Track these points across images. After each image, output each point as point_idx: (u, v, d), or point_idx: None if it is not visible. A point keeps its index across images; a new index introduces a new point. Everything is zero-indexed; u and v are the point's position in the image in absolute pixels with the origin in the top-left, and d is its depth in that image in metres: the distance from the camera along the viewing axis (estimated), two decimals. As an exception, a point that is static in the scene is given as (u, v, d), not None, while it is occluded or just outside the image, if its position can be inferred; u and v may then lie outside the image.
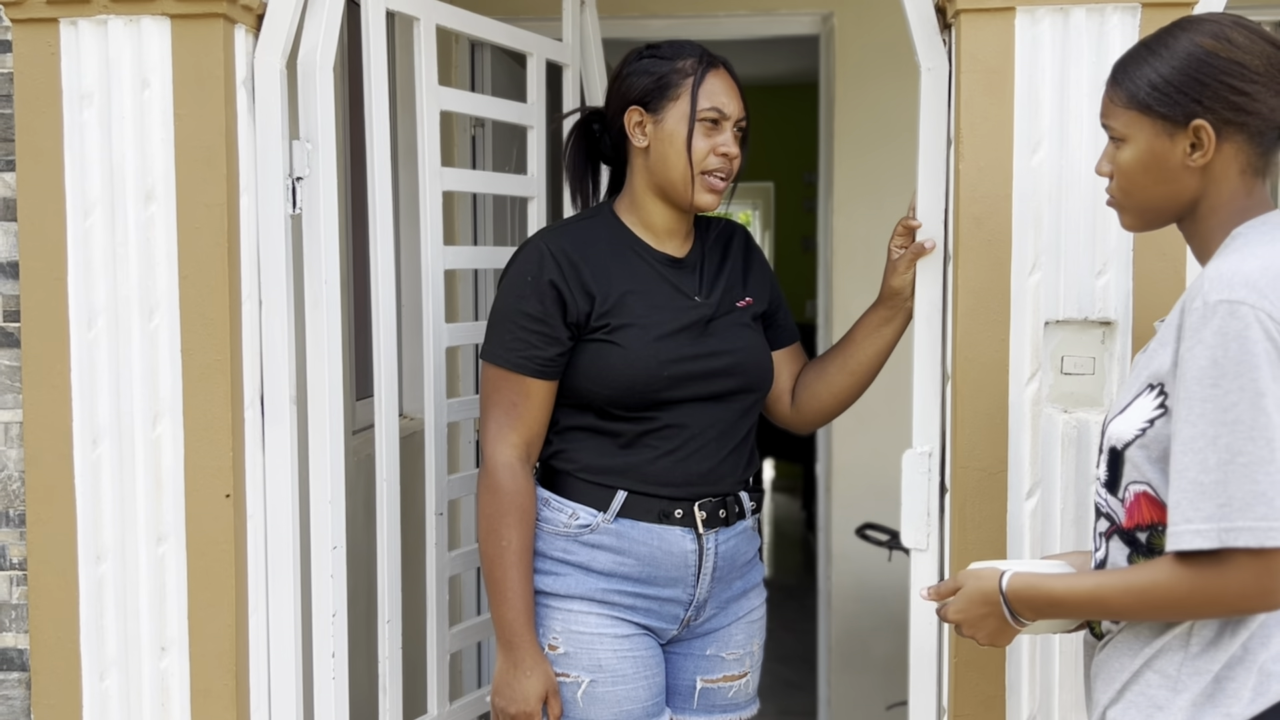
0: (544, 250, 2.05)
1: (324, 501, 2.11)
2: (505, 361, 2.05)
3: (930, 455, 2.09)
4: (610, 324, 2.04)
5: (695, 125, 2.04)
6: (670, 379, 2.03)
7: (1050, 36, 1.96)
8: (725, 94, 2.06)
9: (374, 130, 2.22)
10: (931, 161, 2.07)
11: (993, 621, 1.56)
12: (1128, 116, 1.52)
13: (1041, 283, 1.97)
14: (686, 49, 2.09)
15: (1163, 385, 1.44)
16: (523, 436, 2.06)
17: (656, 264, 2.10)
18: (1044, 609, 1.51)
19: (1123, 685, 1.49)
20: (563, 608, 2.07)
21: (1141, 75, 1.50)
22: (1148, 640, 1.47)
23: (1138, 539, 1.48)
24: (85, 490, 2.06)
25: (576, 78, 2.80)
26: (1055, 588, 1.50)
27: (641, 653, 2.09)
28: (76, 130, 2.03)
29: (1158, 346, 1.47)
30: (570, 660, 2.05)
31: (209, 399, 2.04)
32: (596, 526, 2.06)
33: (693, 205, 2.08)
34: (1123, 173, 1.54)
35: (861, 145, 3.97)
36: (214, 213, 2.02)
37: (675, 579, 2.09)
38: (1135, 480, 1.48)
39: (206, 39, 2.01)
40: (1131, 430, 1.47)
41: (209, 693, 2.07)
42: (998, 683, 2.02)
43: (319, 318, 2.10)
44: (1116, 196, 1.57)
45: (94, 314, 2.04)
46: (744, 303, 2.16)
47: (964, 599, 1.57)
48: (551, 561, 2.08)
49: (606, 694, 2.05)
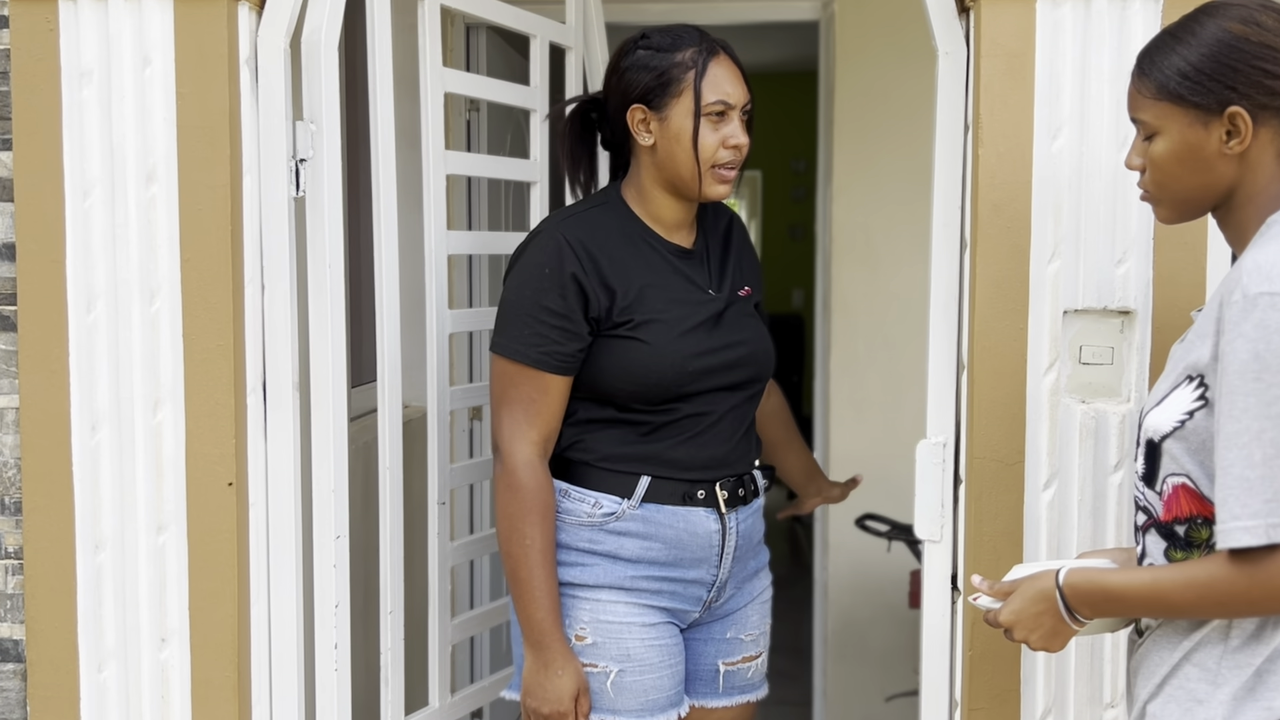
0: (562, 241, 2.00)
1: (327, 490, 2.07)
2: (524, 357, 2.00)
3: (945, 446, 2.06)
4: (634, 319, 2.01)
5: (702, 121, 2.00)
6: (693, 374, 2.03)
7: (1071, 20, 1.93)
8: (729, 82, 2.02)
9: (379, 112, 2.18)
10: (948, 147, 2.04)
11: (1048, 620, 1.52)
12: (1159, 108, 1.48)
13: (1061, 271, 1.95)
14: (684, 38, 2.04)
15: (1202, 377, 1.41)
16: (541, 433, 2.02)
17: (669, 255, 2.08)
18: (1100, 604, 1.48)
19: (1162, 679, 1.46)
20: (590, 598, 2.05)
21: (1170, 65, 1.47)
22: (1186, 634, 1.45)
23: (1175, 532, 1.46)
24: (84, 477, 2.02)
25: (579, 61, 2.76)
26: (1112, 582, 1.47)
27: (667, 641, 2.09)
28: (76, 109, 1.98)
29: (1195, 338, 1.45)
30: (598, 650, 2.04)
31: (211, 385, 2.00)
32: (622, 514, 2.04)
33: (704, 198, 2.05)
34: (1157, 166, 1.50)
35: (861, 131, 3.94)
36: (217, 194, 1.98)
37: (700, 560, 2.09)
38: (1174, 473, 1.45)
39: (209, 16, 1.96)
40: (1169, 422, 1.44)
41: (210, 684, 2.03)
42: (1012, 676, 1.99)
43: (322, 303, 2.05)
44: (1151, 190, 1.54)
45: (93, 297, 2.00)
46: (744, 292, 2.15)
47: (1019, 599, 1.53)
48: (576, 553, 2.06)
49: (634, 683, 2.05)
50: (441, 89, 2.35)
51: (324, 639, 2.09)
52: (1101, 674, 1.98)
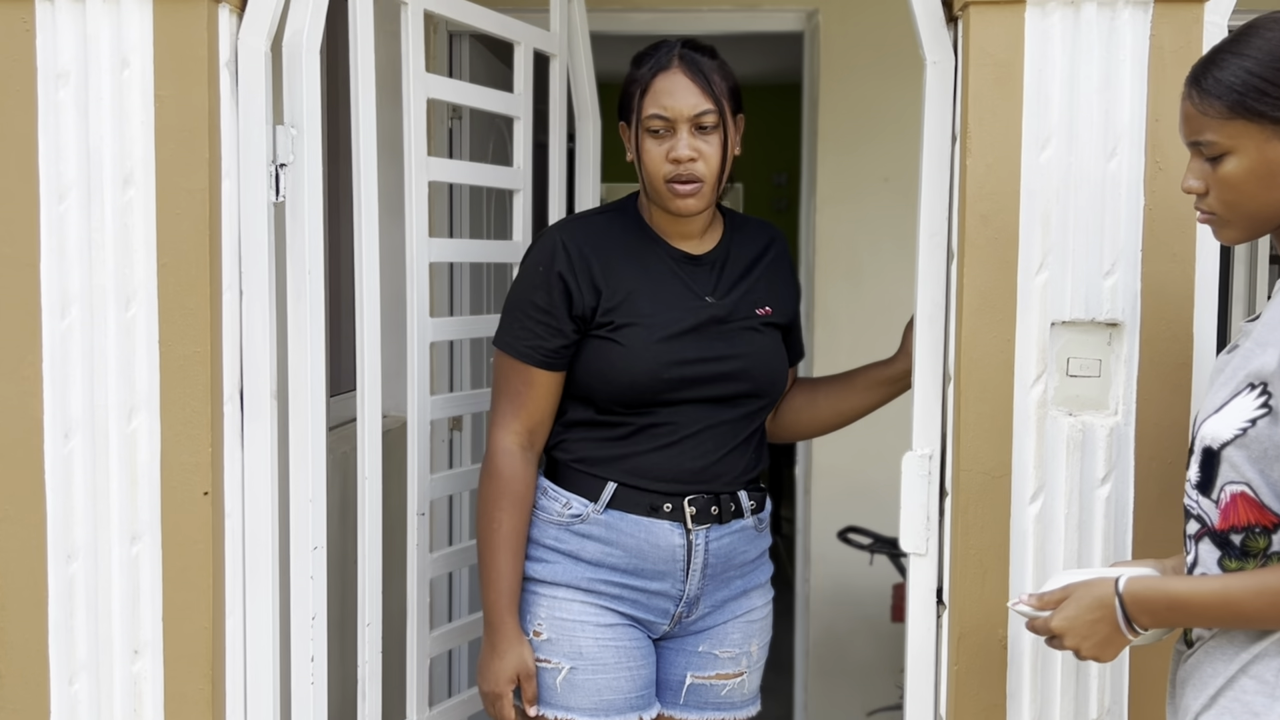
0: (557, 242, 2.07)
1: (305, 500, 2.04)
2: (513, 350, 2.08)
3: (931, 458, 2.05)
4: (615, 321, 2.04)
5: (644, 137, 2.04)
6: (670, 381, 2.03)
7: (1061, 30, 1.91)
8: (671, 94, 2.03)
9: (360, 117, 2.15)
10: (936, 157, 2.02)
11: (1103, 628, 1.48)
12: (1231, 127, 1.45)
13: (1048, 282, 1.93)
14: (650, 54, 2.08)
15: (1266, 385, 1.39)
16: (525, 424, 2.09)
17: (671, 261, 2.10)
18: (1162, 613, 1.45)
19: (1216, 691, 1.44)
20: (548, 594, 2.09)
21: (1240, 82, 1.43)
22: (1244, 645, 1.42)
23: (1231, 541, 1.43)
24: (56, 486, 1.98)
25: (563, 69, 2.74)
26: (1178, 590, 1.44)
27: (625, 643, 2.09)
28: (52, 111, 1.94)
29: (1255, 346, 1.43)
30: (552, 646, 2.07)
31: (187, 392, 1.96)
32: (587, 516, 2.08)
33: (674, 211, 2.07)
34: (1230, 186, 1.47)
35: (845, 144, 3.93)
36: (195, 199, 1.94)
37: (663, 572, 2.09)
38: (1232, 481, 1.43)
39: (189, 18, 1.93)
40: (1229, 430, 1.42)
41: (183, 697, 1.99)
42: (999, 691, 1.97)
43: (301, 310, 2.03)
44: (1218, 211, 1.50)
45: (67, 302, 1.96)
46: (763, 311, 2.14)
47: (1073, 605, 1.50)
48: (543, 549, 2.11)
49: (586, 682, 2.06)
50: (424, 95, 2.33)
51: (300, 651, 2.05)
52: (1088, 688, 1.96)
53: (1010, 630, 1.95)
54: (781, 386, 2.19)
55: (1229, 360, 1.50)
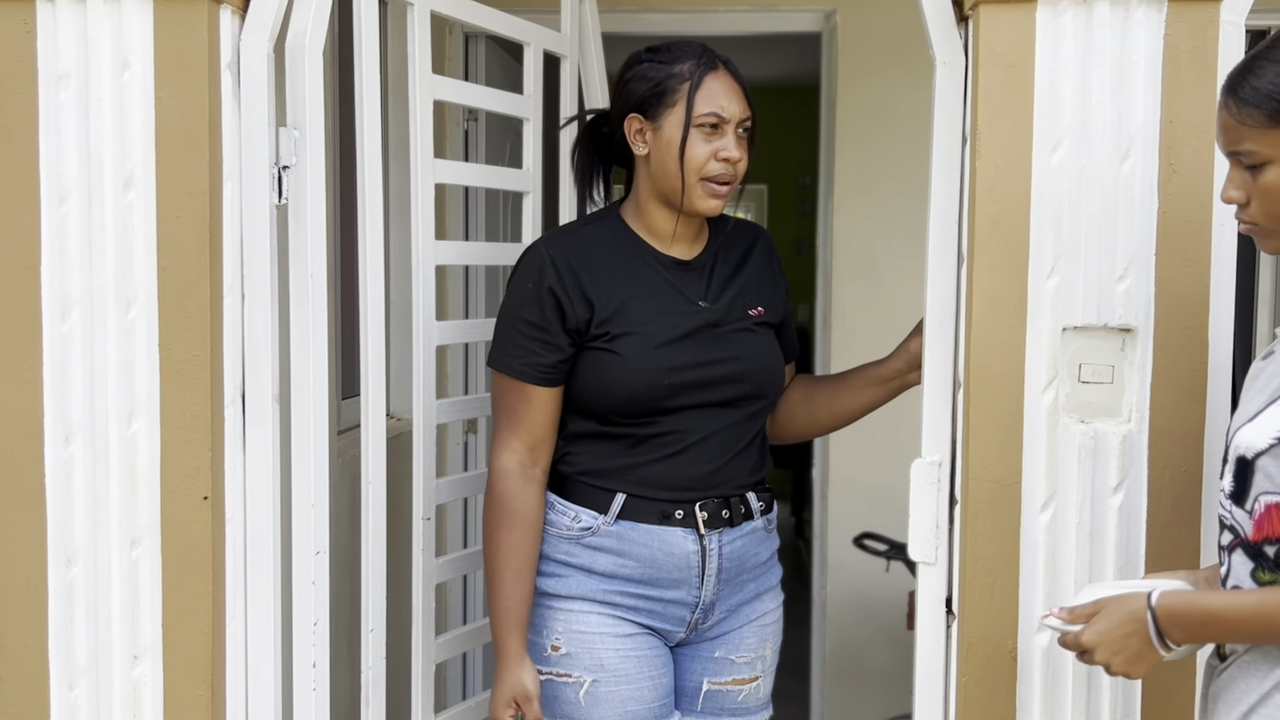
0: (545, 256, 2.04)
1: (307, 505, 2.02)
2: (507, 368, 2.06)
3: (940, 465, 2.01)
4: (610, 332, 2.02)
5: (692, 131, 2.00)
6: (671, 387, 2.02)
7: (1072, 30, 1.87)
8: (725, 95, 2.02)
9: (364, 119, 2.14)
10: (946, 159, 1.99)
11: (1135, 643, 1.45)
12: (1270, 136, 1.42)
13: (1060, 287, 1.89)
14: (686, 52, 2.04)
15: None
16: (524, 442, 2.06)
17: (661, 268, 2.08)
18: (1196, 628, 1.41)
19: (1250, 707, 1.41)
20: (564, 608, 2.07)
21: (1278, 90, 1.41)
22: (1278, 661, 1.39)
23: (1265, 553, 1.40)
24: (56, 490, 1.97)
25: (574, 70, 2.71)
26: (1213, 604, 1.41)
27: (645, 652, 2.07)
28: (53, 112, 1.93)
29: None
30: (572, 660, 2.05)
31: (187, 396, 1.95)
32: (597, 529, 2.06)
33: (695, 212, 2.04)
34: (1272, 195, 1.44)
35: (863, 144, 3.90)
36: (195, 201, 1.93)
37: (678, 580, 2.07)
38: (1267, 491, 1.39)
39: (190, 19, 1.92)
40: (1265, 439, 1.39)
41: (183, 703, 1.98)
42: (1008, 703, 1.94)
43: (304, 313, 2.01)
44: (1261, 222, 1.47)
45: (68, 305, 1.95)
46: (756, 311, 2.12)
47: (1105, 620, 1.47)
48: (555, 564, 2.09)
49: (610, 694, 2.03)
50: (430, 96, 2.31)
51: (302, 657, 2.04)
52: (1099, 701, 1.92)
53: (1020, 641, 1.92)
54: (780, 385, 2.17)
55: (1264, 367, 1.47)
